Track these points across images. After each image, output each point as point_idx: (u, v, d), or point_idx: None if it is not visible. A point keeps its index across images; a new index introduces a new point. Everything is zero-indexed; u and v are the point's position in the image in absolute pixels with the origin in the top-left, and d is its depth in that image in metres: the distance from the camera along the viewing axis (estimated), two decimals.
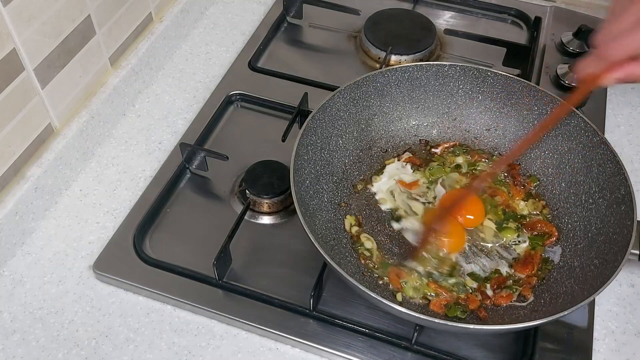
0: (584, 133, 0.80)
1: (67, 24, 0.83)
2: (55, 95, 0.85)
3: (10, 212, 0.79)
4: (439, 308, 0.73)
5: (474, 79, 0.87)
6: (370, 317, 0.75)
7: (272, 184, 0.84)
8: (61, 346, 0.73)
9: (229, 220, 0.80)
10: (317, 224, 0.77)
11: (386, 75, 0.86)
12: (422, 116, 0.90)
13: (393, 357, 0.72)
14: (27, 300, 0.77)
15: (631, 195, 0.72)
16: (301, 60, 1.08)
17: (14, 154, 0.81)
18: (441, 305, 0.73)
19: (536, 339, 0.73)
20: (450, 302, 0.74)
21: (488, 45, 1.07)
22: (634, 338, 0.75)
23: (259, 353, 0.73)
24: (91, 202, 0.87)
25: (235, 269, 0.79)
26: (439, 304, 0.73)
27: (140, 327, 0.75)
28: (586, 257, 0.74)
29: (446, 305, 0.73)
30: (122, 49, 0.98)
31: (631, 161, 0.93)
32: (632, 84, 1.04)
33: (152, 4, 1.02)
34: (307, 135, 0.79)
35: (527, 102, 0.85)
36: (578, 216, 0.79)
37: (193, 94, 1.02)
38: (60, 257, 0.81)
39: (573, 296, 0.70)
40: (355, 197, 0.84)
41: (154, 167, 0.91)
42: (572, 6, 1.16)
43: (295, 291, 0.76)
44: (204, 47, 1.10)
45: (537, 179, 0.84)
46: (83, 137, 0.89)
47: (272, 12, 1.14)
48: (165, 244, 0.82)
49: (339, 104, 0.83)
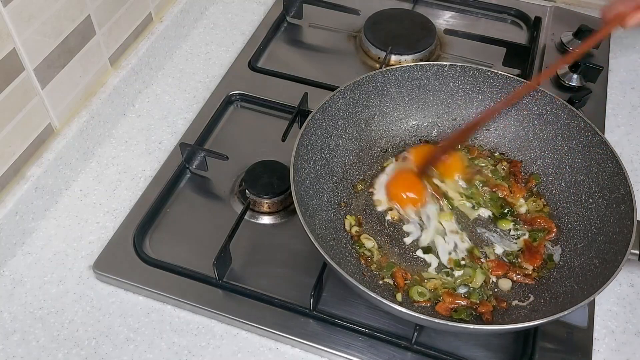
0: (584, 133, 0.80)
1: (67, 24, 0.83)
2: (55, 95, 0.85)
3: (10, 212, 0.79)
4: (444, 311, 0.73)
5: (474, 79, 0.87)
6: (370, 317, 0.75)
7: (272, 184, 0.84)
8: (61, 346, 0.73)
9: (229, 220, 0.80)
10: (317, 224, 0.77)
11: (386, 75, 0.86)
12: (422, 116, 0.90)
13: (393, 357, 0.72)
14: (27, 300, 0.77)
15: (631, 195, 0.72)
16: (301, 60, 1.08)
17: (14, 154, 0.81)
18: (448, 309, 0.73)
19: (536, 339, 0.72)
20: (459, 307, 0.73)
21: (488, 45, 1.07)
22: (634, 338, 0.75)
23: (259, 353, 0.73)
24: (91, 202, 0.87)
25: (235, 269, 0.79)
26: (445, 307, 0.73)
27: (140, 327, 0.75)
28: (586, 256, 0.74)
29: (454, 309, 0.73)
30: (122, 49, 0.98)
31: (631, 161, 0.93)
32: (631, 85, 1.04)
33: (152, 4, 1.02)
34: (307, 135, 0.79)
35: (527, 102, 0.85)
36: (578, 216, 0.79)
37: (193, 94, 1.02)
38: (61, 257, 0.81)
39: (573, 296, 0.70)
40: (355, 197, 0.84)
41: (154, 167, 0.91)
42: (572, 6, 1.16)
43: (295, 291, 0.76)
44: (204, 47, 1.10)
45: (539, 177, 0.85)
46: (83, 137, 0.89)
47: (272, 12, 1.14)
48: (165, 244, 0.82)
49: (339, 104, 0.83)
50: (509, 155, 0.88)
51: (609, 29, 0.73)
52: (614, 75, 1.05)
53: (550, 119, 0.84)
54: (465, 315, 0.72)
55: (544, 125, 0.85)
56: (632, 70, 1.06)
